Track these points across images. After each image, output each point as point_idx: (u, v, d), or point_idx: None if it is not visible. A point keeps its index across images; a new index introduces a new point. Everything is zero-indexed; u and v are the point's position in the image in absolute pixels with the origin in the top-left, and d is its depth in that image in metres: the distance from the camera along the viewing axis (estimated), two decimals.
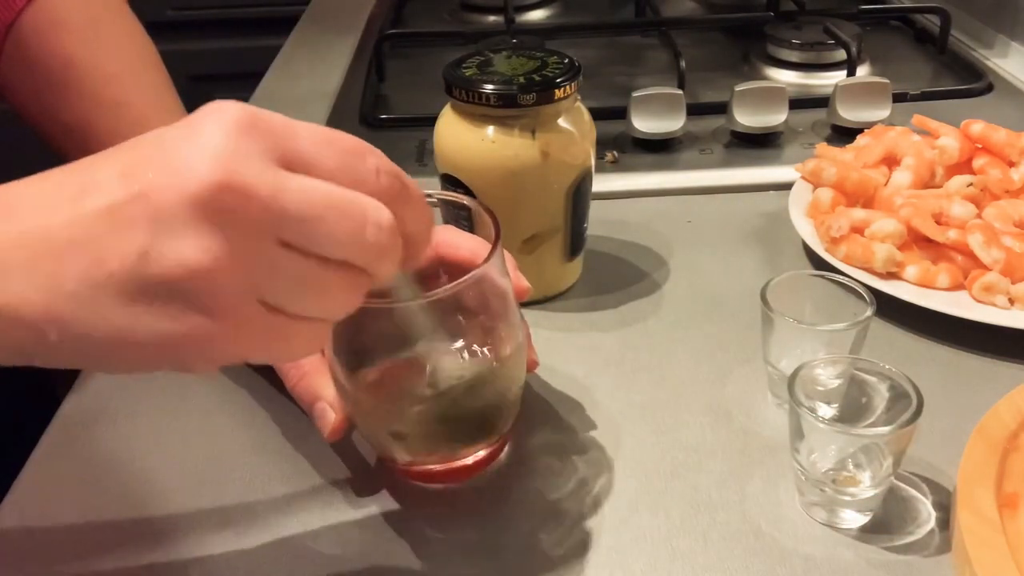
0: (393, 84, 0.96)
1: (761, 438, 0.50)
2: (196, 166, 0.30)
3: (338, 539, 0.45)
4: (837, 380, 0.48)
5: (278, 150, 0.32)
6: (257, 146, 0.31)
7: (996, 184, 0.65)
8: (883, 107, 0.80)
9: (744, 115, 0.79)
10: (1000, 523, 0.41)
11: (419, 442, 0.46)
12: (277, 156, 0.32)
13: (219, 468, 0.49)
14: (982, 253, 0.59)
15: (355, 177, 0.33)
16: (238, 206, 0.30)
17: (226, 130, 0.31)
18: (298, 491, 0.48)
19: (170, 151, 0.31)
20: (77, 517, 0.47)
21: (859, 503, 0.44)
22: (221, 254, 0.30)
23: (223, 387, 0.55)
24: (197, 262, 0.30)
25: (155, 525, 0.46)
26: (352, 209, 0.32)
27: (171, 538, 0.45)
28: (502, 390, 0.46)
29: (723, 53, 1.02)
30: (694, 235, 0.70)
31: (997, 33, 1.01)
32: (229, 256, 0.31)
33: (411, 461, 0.47)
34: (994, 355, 0.56)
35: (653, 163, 0.78)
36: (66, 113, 0.60)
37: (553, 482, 0.48)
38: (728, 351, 0.57)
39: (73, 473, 0.50)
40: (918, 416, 0.42)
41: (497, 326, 0.45)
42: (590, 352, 0.57)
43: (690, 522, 0.45)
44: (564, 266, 0.62)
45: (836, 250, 0.62)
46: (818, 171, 0.68)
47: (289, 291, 0.32)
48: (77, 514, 0.47)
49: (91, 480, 0.49)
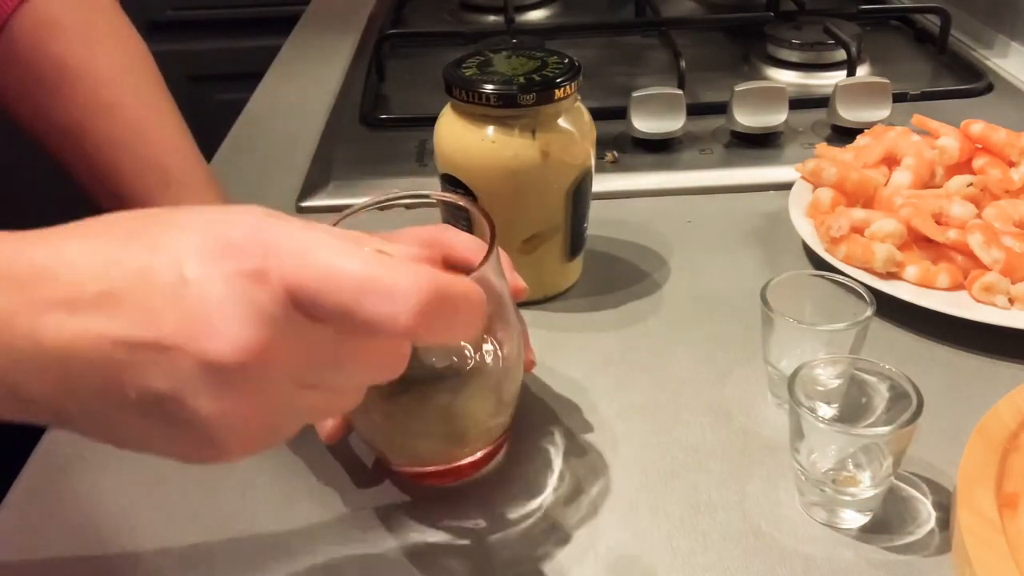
0: (393, 84, 0.96)
1: (761, 438, 0.50)
2: (214, 332, 0.29)
3: (335, 540, 0.45)
4: (837, 380, 0.48)
5: (290, 293, 0.30)
6: (267, 296, 0.30)
7: (996, 184, 0.65)
8: (883, 107, 0.80)
9: (744, 115, 0.79)
10: (1000, 523, 0.41)
11: (415, 443, 0.46)
12: (291, 298, 0.30)
13: (215, 468, 0.49)
14: (982, 253, 0.58)
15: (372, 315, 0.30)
16: (258, 373, 0.30)
17: (237, 289, 0.29)
18: (295, 493, 0.48)
19: (186, 304, 0.29)
20: (77, 519, 0.47)
21: (859, 503, 0.44)
22: (240, 404, 0.30)
23: None
24: (216, 411, 0.30)
25: (153, 526, 0.46)
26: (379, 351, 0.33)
27: (166, 542, 0.45)
28: (499, 391, 0.46)
29: (723, 53, 1.02)
30: (694, 235, 0.70)
31: (997, 33, 1.01)
32: (248, 405, 0.30)
33: (408, 462, 0.47)
34: (994, 355, 0.56)
35: (653, 163, 0.78)
36: (59, 115, 0.60)
37: (552, 482, 0.48)
38: (728, 351, 0.57)
39: (73, 473, 0.50)
40: (918, 416, 0.42)
41: (494, 327, 0.45)
42: (590, 352, 0.57)
43: (690, 522, 0.45)
44: (564, 266, 0.62)
45: (836, 250, 0.62)
46: (818, 171, 0.68)
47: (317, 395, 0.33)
48: (77, 516, 0.47)
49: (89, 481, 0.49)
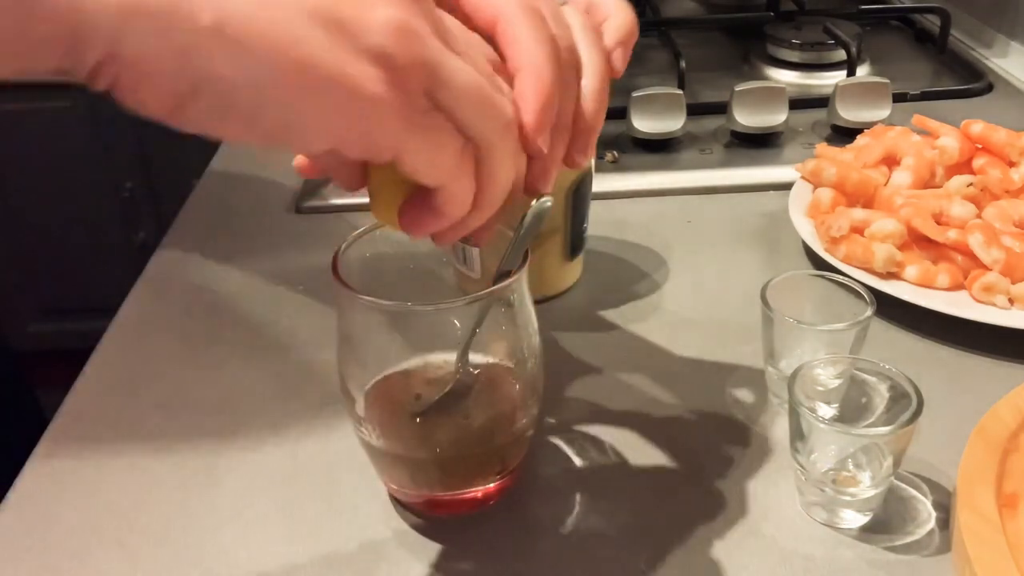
0: None
1: (761, 438, 0.50)
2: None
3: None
4: (837, 380, 0.48)
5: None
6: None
7: (996, 184, 0.65)
8: (883, 107, 0.80)
9: (744, 115, 0.79)
10: (1000, 523, 0.41)
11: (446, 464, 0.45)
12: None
13: (212, 474, 0.49)
14: (982, 253, 0.58)
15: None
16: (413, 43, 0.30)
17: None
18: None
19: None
20: (77, 519, 0.47)
21: (859, 503, 0.44)
22: (404, 24, 0.30)
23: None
24: (387, 19, 0.30)
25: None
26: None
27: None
28: (512, 416, 0.45)
29: (723, 53, 1.02)
30: (694, 235, 0.70)
31: (997, 33, 1.01)
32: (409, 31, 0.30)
33: (423, 487, 0.46)
34: (994, 355, 0.56)
35: (653, 163, 0.78)
36: None
37: (550, 482, 0.48)
38: (728, 351, 0.57)
39: (74, 470, 0.50)
40: (918, 416, 0.42)
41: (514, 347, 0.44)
42: (590, 352, 0.57)
43: (690, 522, 0.45)
44: (564, 266, 0.62)
45: (836, 250, 0.62)
46: (818, 171, 0.68)
47: (454, 93, 0.32)
48: (77, 515, 0.47)
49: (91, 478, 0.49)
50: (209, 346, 0.59)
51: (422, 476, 0.45)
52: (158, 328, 0.61)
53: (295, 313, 0.62)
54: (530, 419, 0.46)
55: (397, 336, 0.44)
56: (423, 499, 0.46)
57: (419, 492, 0.46)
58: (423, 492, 0.46)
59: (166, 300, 0.64)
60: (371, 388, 0.44)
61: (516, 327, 0.43)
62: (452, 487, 0.45)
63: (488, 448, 0.45)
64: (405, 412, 0.44)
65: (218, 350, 0.58)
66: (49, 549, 0.45)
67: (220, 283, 0.65)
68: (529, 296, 0.44)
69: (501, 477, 0.46)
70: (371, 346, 0.44)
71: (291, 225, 0.72)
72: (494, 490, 0.46)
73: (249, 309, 0.62)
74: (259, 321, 0.61)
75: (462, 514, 0.46)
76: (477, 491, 0.46)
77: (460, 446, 0.44)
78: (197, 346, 0.59)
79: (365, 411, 0.44)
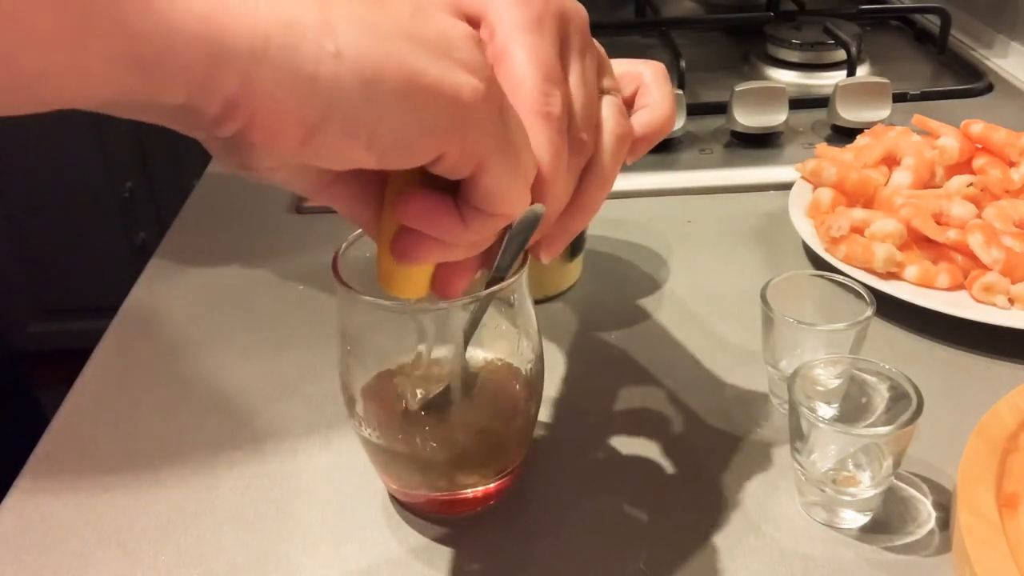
0: None
1: (761, 438, 0.50)
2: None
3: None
4: (837, 380, 0.48)
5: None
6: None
7: (996, 184, 0.65)
8: (883, 107, 0.80)
9: (744, 115, 0.79)
10: (1000, 523, 0.41)
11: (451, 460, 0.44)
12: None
13: (214, 476, 0.49)
14: (982, 253, 0.58)
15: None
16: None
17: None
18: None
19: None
20: (77, 518, 0.47)
21: (859, 503, 0.44)
22: (476, 35, 0.32)
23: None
24: (464, 33, 0.32)
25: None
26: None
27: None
28: (512, 410, 0.45)
29: (723, 53, 1.02)
30: (694, 235, 0.70)
31: (997, 33, 1.01)
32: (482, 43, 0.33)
33: (422, 487, 0.46)
34: (994, 355, 0.56)
35: (653, 163, 0.78)
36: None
37: (550, 482, 0.48)
38: (728, 351, 0.57)
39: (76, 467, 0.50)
40: (918, 416, 0.42)
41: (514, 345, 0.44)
42: (590, 352, 0.57)
43: (690, 522, 0.45)
44: (564, 266, 0.62)
45: (836, 250, 0.62)
46: (818, 171, 0.68)
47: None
48: (76, 514, 0.47)
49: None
50: (209, 346, 0.59)
51: (422, 476, 0.45)
52: (158, 328, 0.61)
53: (295, 313, 0.62)
54: (530, 419, 0.46)
55: (397, 336, 0.44)
56: (423, 499, 0.46)
57: (419, 492, 0.46)
58: (423, 492, 0.46)
59: (166, 300, 0.64)
60: (371, 387, 0.44)
61: (516, 327, 0.44)
62: (452, 487, 0.45)
63: (488, 448, 0.45)
64: (405, 411, 0.44)
65: (218, 350, 0.58)
66: (49, 549, 0.45)
67: (220, 283, 0.65)
68: (529, 296, 0.44)
69: (501, 477, 0.46)
70: (371, 345, 0.44)
71: (291, 225, 0.72)
72: (494, 490, 0.46)
73: (249, 309, 0.62)
74: (259, 321, 0.61)
75: (462, 514, 0.46)
76: (477, 491, 0.46)
77: (460, 446, 0.44)
78: (197, 346, 0.59)
79: (365, 410, 0.44)
